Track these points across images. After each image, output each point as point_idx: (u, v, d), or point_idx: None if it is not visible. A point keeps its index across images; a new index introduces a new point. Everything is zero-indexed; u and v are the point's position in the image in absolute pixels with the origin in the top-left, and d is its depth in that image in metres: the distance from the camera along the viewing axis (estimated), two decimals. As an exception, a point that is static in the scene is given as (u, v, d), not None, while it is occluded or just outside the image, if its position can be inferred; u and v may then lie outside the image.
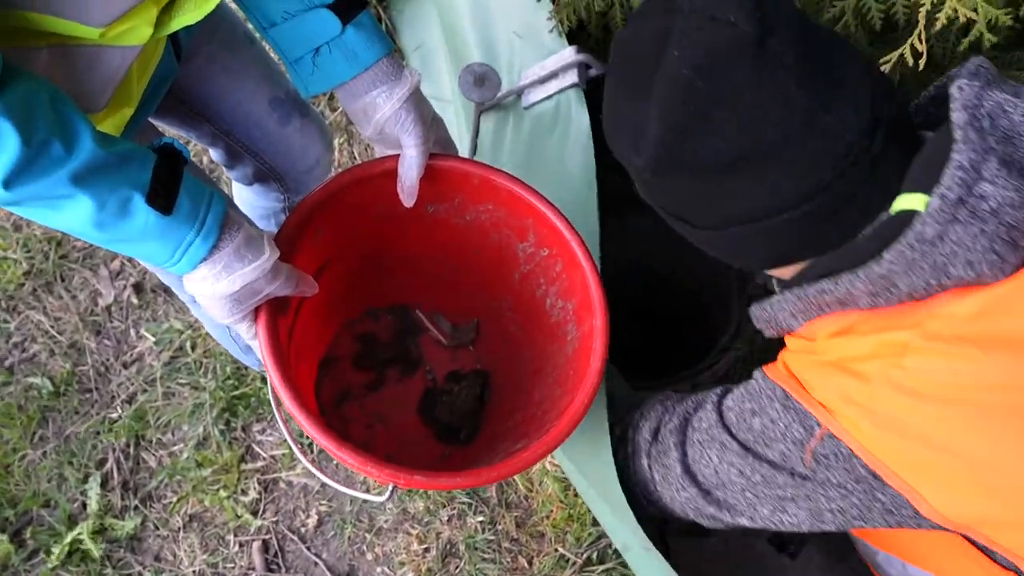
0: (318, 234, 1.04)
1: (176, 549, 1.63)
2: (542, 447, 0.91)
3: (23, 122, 0.65)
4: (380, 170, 1.01)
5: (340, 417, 1.20)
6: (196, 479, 1.66)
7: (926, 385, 0.73)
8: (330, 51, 0.89)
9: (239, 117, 1.19)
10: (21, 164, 0.65)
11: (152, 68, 0.90)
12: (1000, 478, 0.73)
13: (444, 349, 1.25)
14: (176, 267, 0.80)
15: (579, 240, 1.01)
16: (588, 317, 1.00)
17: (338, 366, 1.23)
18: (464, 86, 1.17)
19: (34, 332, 1.79)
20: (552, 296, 1.09)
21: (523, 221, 1.06)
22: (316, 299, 1.12)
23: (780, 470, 0.85)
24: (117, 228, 0.73)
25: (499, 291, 1.18)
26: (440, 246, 1.17)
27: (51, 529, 1.63)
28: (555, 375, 1.06)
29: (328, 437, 0.88)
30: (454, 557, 1.60)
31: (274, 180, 1.32)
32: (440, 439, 1.19)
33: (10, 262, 1.83)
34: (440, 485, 0.90)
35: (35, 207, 0.71)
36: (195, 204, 0.77)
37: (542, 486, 1.62)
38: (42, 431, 1.72)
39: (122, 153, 0.73)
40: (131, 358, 1.78)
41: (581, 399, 0.94)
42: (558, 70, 1.15)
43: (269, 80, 1.20)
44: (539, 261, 1.09)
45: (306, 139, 1.28)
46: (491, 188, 1.04)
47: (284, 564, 1.62)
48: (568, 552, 1.57)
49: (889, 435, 0.76)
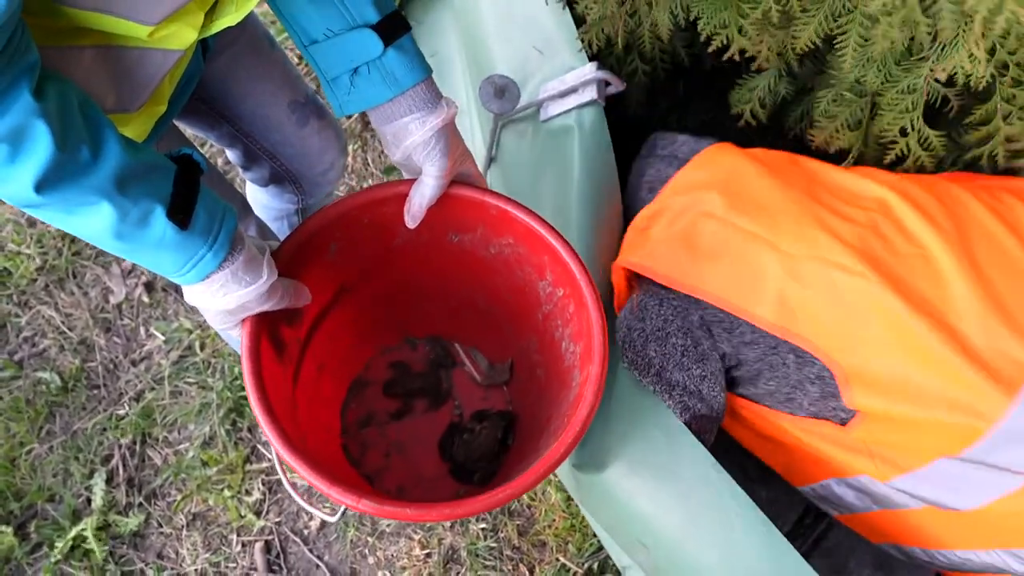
0: (332, 252, 1.04)
1: (179, 547, 1.64)
2: (507, 490, 0.88)
3: (58, 125, 0.66)
4: (394, 192, 1.01)
5: (360, 441, 1.20)
6: (201, 478, 1.67)
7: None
8: (369, 72, 0.88)
9: (259, 119, 1.21)
10: (53, 168, 0.66)
11: (184, 67, 0.92)
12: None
13: (477, 387, 1.24)
14: (183, 278, 0.82)
15: (588, 280, 0.98)
16: (588, 363, 0.97)
17: (368, 390, 1.24)
18: (484, 97, 1.19)
19: (45, 327, 1.80)
20: (567, 339, 1.07)
21: (540, 258, 1.04)
22: (344, 318, 1.14)
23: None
24: (135, 238, 0.75)
25: (526, 332, 1.17)
26: (470, 279, 1.15)
27: (55, 524, 1.64)
28: (557, 424, 1.02)
29: (283, 442, 0.88)
30: (456, 563, 1.60)
31: (289, 182, 1.34)
32: (455, 477, 1.18)
33: (23, 257, 1.84)
34: (386, 513, 0.86)
35: (57, 212, 0.72)
36: (211, 219, 0.79)
37: (545, 495, 1.63)
38: (49, 426, 1.73)
39: (146, 161, 0.74)
40: (140, 356, 1.79)
41: (557, 448, 0.90)
42: (578, 85, 1.17)
43: (289, 83, 1.22)
44: (556, 301, 1.07)
45: (323, 142, 1.30)
46: (508, 221, 1.03)
47: (286, 565, 1.63)
48: (569, 562, 1.58)
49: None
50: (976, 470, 0.98)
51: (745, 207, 1.08)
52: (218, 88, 1.16)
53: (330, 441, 1.17)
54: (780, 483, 1.61)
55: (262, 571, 1.62)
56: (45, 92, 0.65)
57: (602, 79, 1.16)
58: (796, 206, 1.07)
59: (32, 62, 0.64)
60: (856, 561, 1.54)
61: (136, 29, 0.72)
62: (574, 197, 1.21)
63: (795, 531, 1.58)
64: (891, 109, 1.09)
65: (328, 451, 1.14)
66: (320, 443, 1.12)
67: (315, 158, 1.31)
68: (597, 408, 0.92)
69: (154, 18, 0.72)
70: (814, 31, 0.98)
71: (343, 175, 1.42)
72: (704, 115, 1.98)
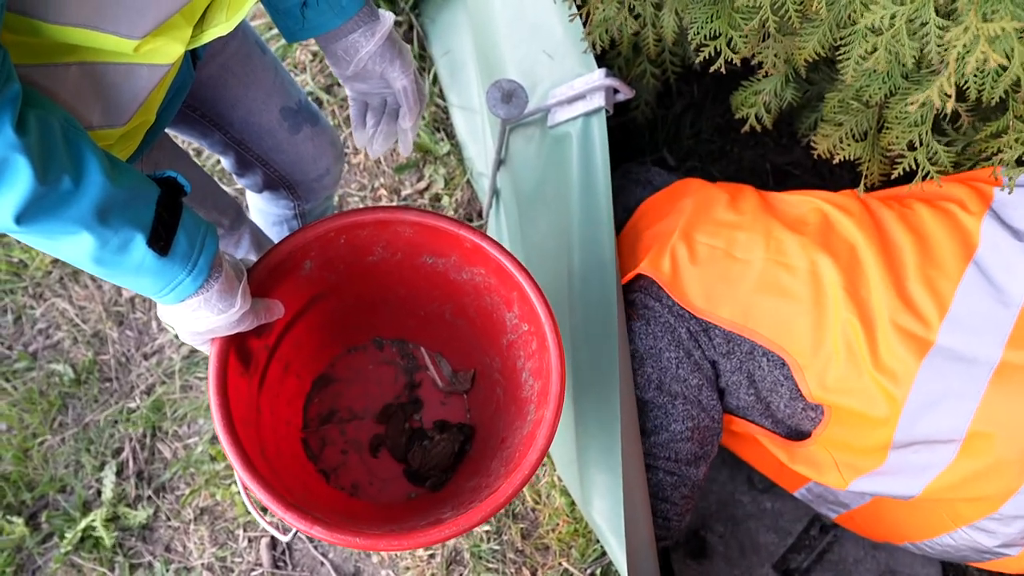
0: (307, 269, 1.07)
1: (186, 541, 1.66)
2: (453, 526, 0.93)
3: (39, 158, 0.65)
4: (373, 219, 1.05)
5: (319, 437, 1.23)
6: (209, 473, 1.69)
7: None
8: (318, 3, 0.93)
9: (250, 126, 1.21)
10: (33, 200, 0.66)
11: (172, 78, 0.92)
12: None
13: (437, 391, 1.27)
14: (163, 299, 0.83)
15: (553, 324, 1.02)
16: (544, 405, 1.01)
17: (331, 387, 1.26)
18: (491, 102, 1.19)
19: (59, 320, 1.83)
20: (527, 371, 1.11)
21: (510, 293, 1.08)
22: (314, 323, 1.17)
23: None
24: (114, 264, 0.76)
25: (491, 351, 1.20)
26: (440, 296, 1.19)
27: (66, 514, 1.67)
28: (510, 451, 1.06)
29: (245, 467, 0.92)
30: (459, 564, 1.61)
31: (284, 188, 1.34)
32: (409, 479, 1.21)
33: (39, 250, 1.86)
34: (338, 541, 0.92)
35: (37, 239, 0.72)
36: (191, 245, 0.80)
37: (549, 499, 1.63)
38: (62, 417, 1.76)
39: (129, 187, 0.74)
40: (151, 350, 1.81)
41: (505, 490, 0.95)
42: (586, 92, 1.16)
43: (280, 89, 1.21)
44: (521, 334, 1.10)
45: (316, 149, 1.29)
46: (482, 255, 1.06)
47: (291, 562, 1.64)
48: (572, 567, 1.58)
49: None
50: (914, 453, 1.13)
51: (709, 227, 1.27)
52: (208, 96, 1.15)
53: (290, 435, 1.19)
54: (787, 496, 1.60)
55: (268, 567, 1.63)
56: (26, 124, 0.65)
57: (610, 86, 1.16)
58: (752, 220, 1.26)
59: (14, 93, 0.63)
60: (860, 573, 1.53)
61: (121, 44, 0.72)
62: (575, 204, 1.20)
63: (799, 543, 1.57)
64: (899, 122, 1.07)
65: (287, 446, 1.16)
66: (280, 438, 1.14)
67: (309, 165, 1.31)
68: (547, 451, 0.97)
69: (138, 32, 0.71)
70: (818, 42, 0.97)
71: (340, 180, 1.41)
72: (719, 118, 1.97)
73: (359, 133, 1.09)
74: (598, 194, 1.14)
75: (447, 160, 1.92)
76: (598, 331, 1.17)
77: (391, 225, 1.06)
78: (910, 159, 1.06)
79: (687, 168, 1.95)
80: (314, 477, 1.19)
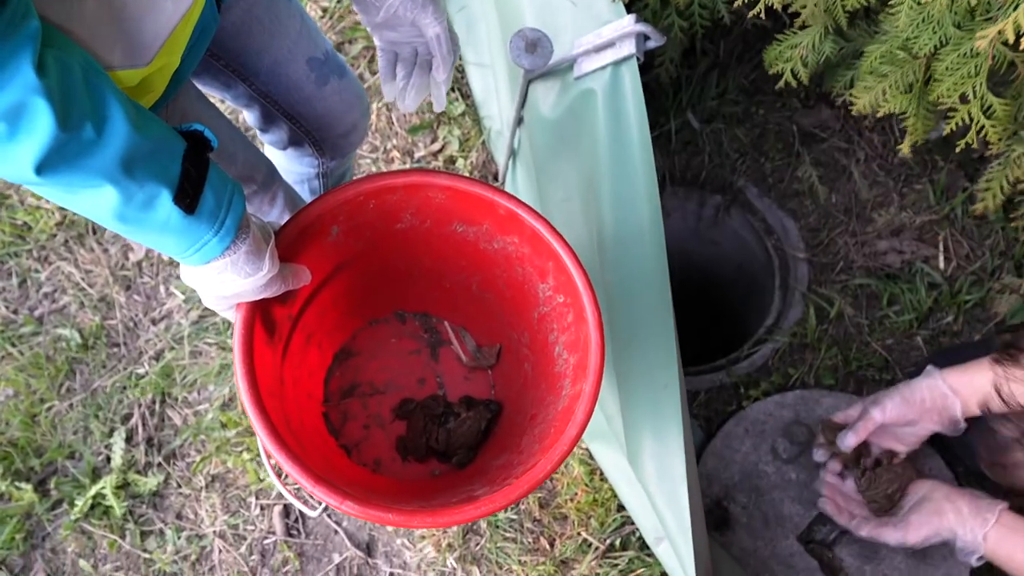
0: (334, 234, 1.03)
1: (197, 508, 1.63)
2: (489, 504, 0.89)
3: (60, 102, 0.61)
4: (404, 182, 1.00)
5: (341, 411, 1.19)
6: (220, 440, 1.65)
7: None
8: None
9: (277, 77, 1.16)
10: (54, 148, 0.61)
11: (196, 16, 0.87)
12: None
13: (461, 366, 1.23)
14: (187, 260, 0.79)
15: (592, 295, 0.97)
16: (581, 379, 0.97)
17: (352, 360, 1.22)
18: (515, 52, 1.13)
19: (65, 283, 1.79)
20: (560, 345, 1.06)
21: (545, 263, 1.03)
22: (337, 293, 1.13)
23: None
24: (138, 221, 0.71)
25: (519, 325, 1.16)
26: (468, 267, 1.15)
27: (75, 481, 1.64)
28: (542, 427, 1.03)
29: (273, 439, 0.88)
30: (475, 534, 1.58)
31: (309, 144, 1.29)
32: (434, 456, 1.18)
33: (43, 212, 1.82)
34: (370, 517, 0.88)
35: (57, 191, 0.68)
36: (218, 203, 0.75)
37: (568, 468, 1.60)
38: (69, 383, 1.72)
39: (155, 138, 0.70)
40: (160, 315, 1.77)
41: (544, 466, 0.91)
42: (615, 39, 1.10)
43: (307, 38, 1.16)
44: (555, 306, 1.06)
45: (344, 102, 1.24)
46: (517, 222, 1.01)
47: (304, 530, 1.61)
48: (591, 537, 1.54)
49: None
50: None
51: None
52: (233, 44, 1.10)
53: (311, 408, 1.15)
54: (813, 467, 1.56)
55: (281, 535, 1.60)
56: (46, 65, 0.60)
57: (641, 32, 1.09)
58: None
59: (33, 30, 0.58)
60: (888, 548, 1.49)
61: None
62: (604, 162, 1.14)
63: (822, 518, 1.53)
64: (950, 74, 1.01)
65: (309, 419, 1.13)
66: (302, 411, 1.11)
67: (336, 119, 1.26)
68: (586, 426, 0.93)
69: None
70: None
71: (366, 136, 1.36)
72: (744, 79, 1.90)
73: (388, 86, 1.04)
74: (631, 147, 1.09)
75: (462, 121, 1.86)
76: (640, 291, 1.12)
77: (422, 189, 1.01)
78: (963, 112, 1.00)
79: (712, 129, 1.88)
80: (336, 452, 1.15)
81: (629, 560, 1.52)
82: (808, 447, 1.58)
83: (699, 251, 2.07)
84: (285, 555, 1.59)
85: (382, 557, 1.59)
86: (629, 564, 1.52)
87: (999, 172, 1.20)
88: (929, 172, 1.81)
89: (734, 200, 1.88)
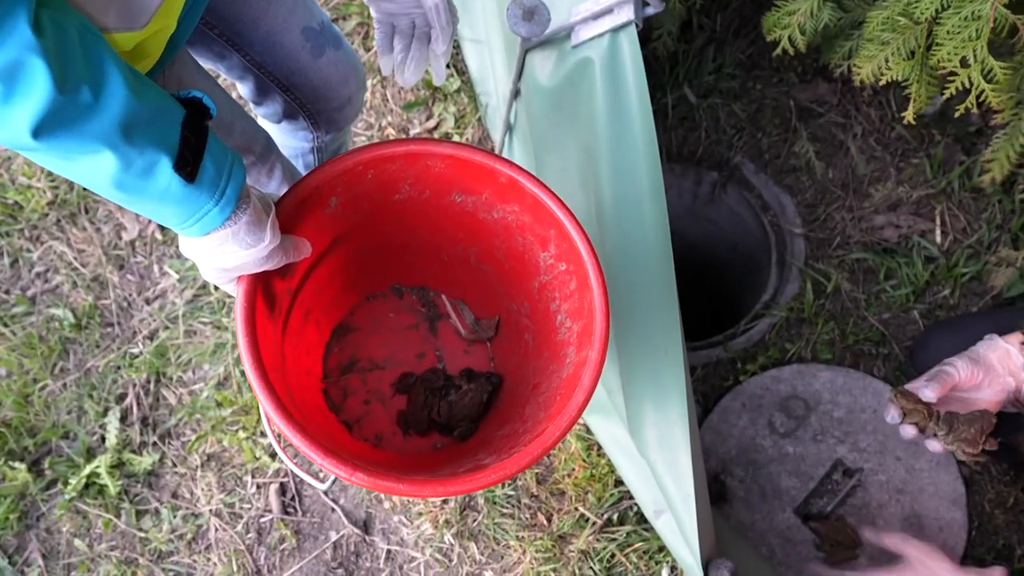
0: (332, 206, 1.01)
1: (193, 487, 1.62)
2: (499, 471, 0.88)
3: (57, 63, 0.59)
4: (403, 151, 0.98)
5: (340, 387, 1.18)
6: (215, 419, 1.64)
7: None
8: None
9: (272, 47, 1.14)
10: (52, 111, 0.60)
11: None
12: None
13: (460, 340, 1.22)
14: (187, 231, 0.77)
15: (595, 261, 0.96)
16: (586, 345, 0.96)
17: (351, 336, 1.21)
18: (512, 20, 1.11)
19: (57, 263, 1.77)
20: (563, 313, 1.05)
21: (546, 231, 1.02)
22: (334, 267, 1.11)
23: None
24: (137, 189, 0.70)
25: (519, 296, 1.15)
26: (467, 238, 1.13)
27: (69, 460, 1.63)
28: (547, 395, 1.02)
29: (280, 413, 0.87)
30: (472, 510, 1.58)
31: (304, 118, 1.28)
32: (436, 429, 1.17)
33: (34, 191, 1.80)
34: (381, 487, 0.87)
35: (55, 158, 0.66)
36: (218, 172, 0.74)
37: (565, 444, 1.59)
38: (63, 363, 1.71)
39: (154, 104, 0.68)
40: (154, 294, 1.76)
41: (552, 432, 0.90)
42: (613, 5, 1.09)
43: (302, 8, 1.15)
44: (557, 275, 1.05)
45: (339, 74, 1.23)
46: (518, 190, 1.00)
47: (301, 508, 1.61)
48: (589, 512, 1.54)
49: None
50: None
51: None
52: (228, 13, 1.08)
53: (311, 386, 1.14)
54: (810, 441, 1.56)
55: (277, 513, 1.60)
56: (42, 25, 0.58)
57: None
58: None
59: None
60: (884, 518, 1.50)
61: None
62: (602, 130, 1.13)
63: (822, 487, 1.54)
64: (951, 38, 1.00)
65: (309, 396, 1.12)
66: (303, 388, 1.09)
67: (332, 91, 1.24)
68: (593, 392, 0.92)
69: None
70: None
71: (361, 111, 1.34)
72: (740, 54, 1.89)
73: (385, 58, 1.02)
74: (631, 113, 1.07)
75: (457, 97, 1.84)
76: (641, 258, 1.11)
77: (422, 158, 0.99)
78: (963, 76, 0.99)
79: (708, 104, 1.87)
80: (337, 428, 1.14)
81: (627, 534, 1.52)
82: (804, 421, 1.58)
83: (695, 230, 2.06)
84: (282, 533, 1.58)
85: (379, 534, 1.58)
86: (627, 538, 1.52)
87: (1005, 142, 1.19)
88: (926, 146, 1.80)
89: (731, 176, 1.87)
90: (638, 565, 1.51)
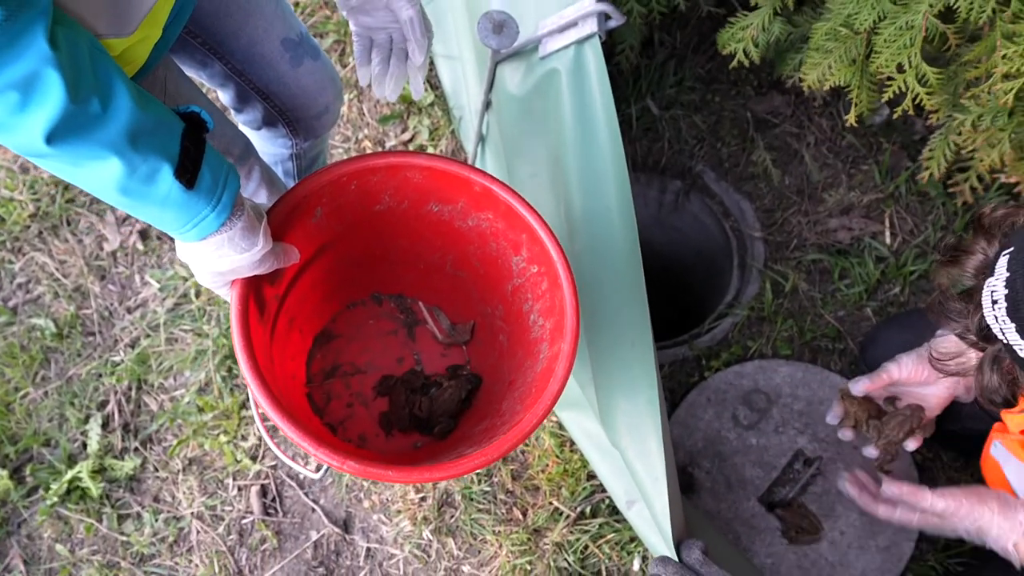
0: (318, 216, 1.08)
1: (175, 491, 1.65)
2: (482, 456, 0.94)
3: (71, 75, 0.65)
4: (385, 163, 1.05)
5: (324, 391, 1.24)
6: (197, 424, 1.68)
7: None
8: None
9: (252, 56, 1.20)
10: (64, 119, 0.66)
11: None
12: None
13: (437, 344, 1.28)
14: (185, 236, 0.83)
15: (564, 261, 1.03)
16: (558, 340, 1.03)
17: (333, 343, 1.26)
18: (482, 32, 1.19)
19: (39, 274, 1.80)
20: (536, 313, 1.12)
21: (518, 236, 1.09)
22: (318, 276, 1.18)
23: None
24: (140, 195, 0.75)
25: (493, 300, 1.21)
26: (443, 246, 1.20)
27: (51, 467, 1.65)
28: (522, 390, 1.08)
29: (274, 407, 0.92)
30: (450, 507, 1.62)
31: (283, 125, 1.33)
32: (415, 427, 1.22)
33: (16, 203, 1.83)
34: (370, 474, 0.94)
35: (64, 164, 0.71)
36: (215, 180, 0.80)
37: (539, 441, 1.65)
38: (44, 371, 1.73)
39: (156, 116, 0.74)
40: (135, 303, 1.79)
41: (530, 420, 0.97)
42: (577, 19, 1.17)
43: (282, 19, 1.21)
44: (529, 277, 1.11)
45: (317, 83, 1.29)
46: (491, 198, 1.07)
47: (282, 509, 1.64)
48: (562, 505, 1.60)
49: None
50: None
51: None
52: (210, 23, 1.14)
53: (296, 390, 1.20)
54: (772, 432, 1.63)
55: (258, 515, 1.63)
56: (57, 40, 0.64)
57: (602, 12, 1.16)
58: None
59: (45, 5, 0.63)
60: (843, 506, 1.57)
61: None
62: (569, 136, 1.21)
63: (784, 476, 1.61)
64: (888, 46, 1.09)
65: (294, 400, 1.17)
66: (288, 391, 1.15)
67: (310, 99, 1.30)
68: (567, 382, 0.98)
69: None
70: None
71: (337, 120, 1.41)
72: (700, 68, 1.99)
73: (363, 70, 1.08)
74: (597, 121, 1.15)
75: (431, 111, 1.91)
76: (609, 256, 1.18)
77: (402, 170, 1.06)
78: (900, 81, 1.09)
79: (671, 116, 1.96)
80: (322, 430, 1.20)
81: (599, 526, 1.58)
82: (766, 413, 1.65)
83: (661, 238, 2.14)
84: (263, 534, 1.62)
85: (359, 533, 1.63)
86: (599, 529, 1.57)
87: (941, 141, 1.29)
88: (874, 154, 1.91)
89: (693, 185, 1.96)
90: (611, 555, 1.56)
